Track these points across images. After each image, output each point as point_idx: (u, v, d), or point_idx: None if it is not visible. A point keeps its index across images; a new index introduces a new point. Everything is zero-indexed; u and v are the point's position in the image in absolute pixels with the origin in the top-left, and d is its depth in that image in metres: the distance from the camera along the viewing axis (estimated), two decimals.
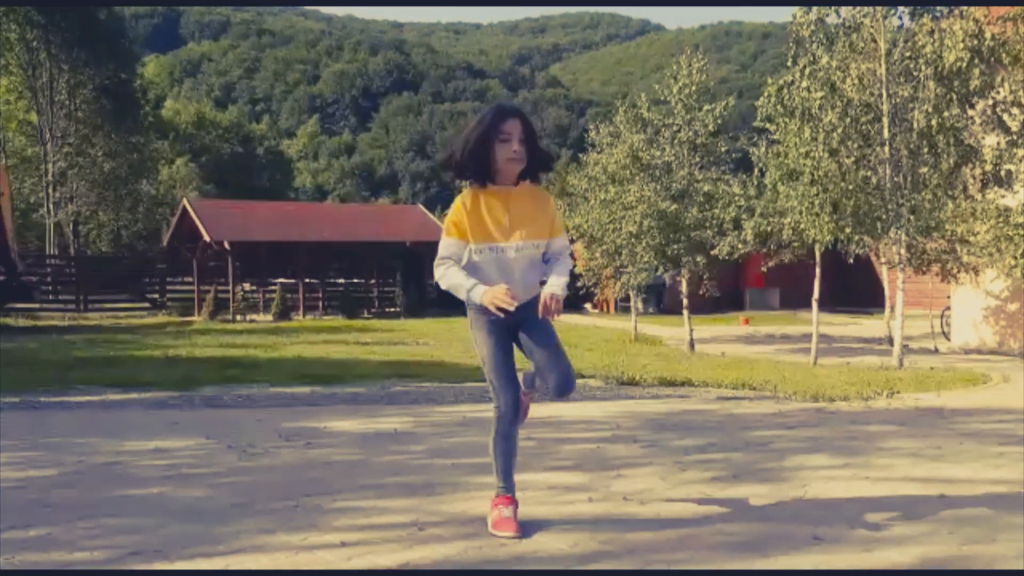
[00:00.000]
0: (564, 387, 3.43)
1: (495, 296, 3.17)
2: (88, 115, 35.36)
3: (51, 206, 33.18)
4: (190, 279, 25.02)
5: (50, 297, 24.94)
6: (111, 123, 36.35)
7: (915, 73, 12.08)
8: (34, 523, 3.53)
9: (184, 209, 27.81)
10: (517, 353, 3.52)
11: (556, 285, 3.31)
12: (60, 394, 8.07)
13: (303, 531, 3.43)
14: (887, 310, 16.36)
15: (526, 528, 3.40)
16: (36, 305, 22.76)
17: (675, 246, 16.20)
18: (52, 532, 3.41)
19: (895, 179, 12.31)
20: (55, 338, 15.67)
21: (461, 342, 14.64)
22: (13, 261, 19.47)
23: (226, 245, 25.00)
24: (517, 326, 3.46)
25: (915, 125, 11.94)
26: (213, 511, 3.74)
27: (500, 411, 3.43)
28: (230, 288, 23.78)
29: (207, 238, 25.08)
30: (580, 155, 19.54)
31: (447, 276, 3.32)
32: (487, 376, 3.45)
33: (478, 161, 3.27)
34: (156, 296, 26.36)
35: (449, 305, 25.23)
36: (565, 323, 22.28)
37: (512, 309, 3.22)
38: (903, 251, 12.45)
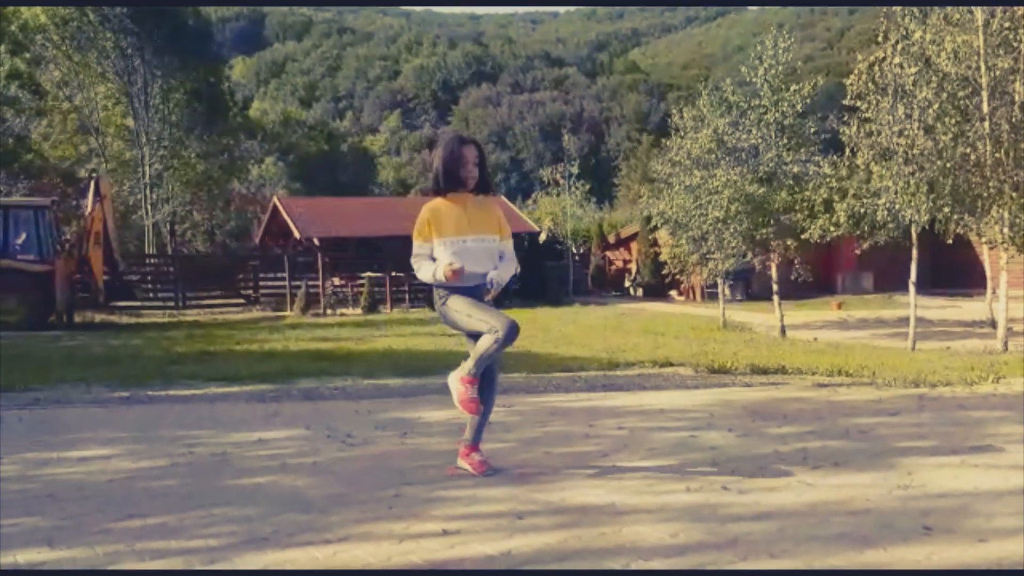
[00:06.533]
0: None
1: (446, 266, 4.00)
2: (181, 118, 36.54)
3: (148, 207, 34.45)
4: (282, 275, 25.63)
5: (150, 295, 25.86)
6: (203, 125, 37.58)
7: (1015, 44, 11.57)
8: (150, 512, 3.70)
9: (274, 207, 28.51)
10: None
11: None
12: (165, 388, 8.40)
13: (405, 520, 3.51)
14: (989, 291, 15.73)
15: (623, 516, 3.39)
16: (138, 303, 23.63)
17: (764, 230, 15.87)
18: (167, 521, 3.56)
19: (996, 155, 11.81)
20: (157, 334, 16.30)
21: (544, 332, 14.66)
22: (116, 261, 20.29)
23: (315, 241, 25.57)
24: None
25: (1017, 98, 11.45)
26: (318, 500, 3.85)
27: (499, 333, 3.93)
28: (320, 283, 24.32)
29: (297, 235, 25.69)
30: (662, 140, 19.26)
31: (421, 270, 4.20)
32: (474, 324, 4.03)
33: (447, 177, 4.18)
34: (250, 292, 27.07)
35: (530, 295, 25.25)
36: (652, 311, 22.09)
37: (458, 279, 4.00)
38: (1006, 230, 11.93)
